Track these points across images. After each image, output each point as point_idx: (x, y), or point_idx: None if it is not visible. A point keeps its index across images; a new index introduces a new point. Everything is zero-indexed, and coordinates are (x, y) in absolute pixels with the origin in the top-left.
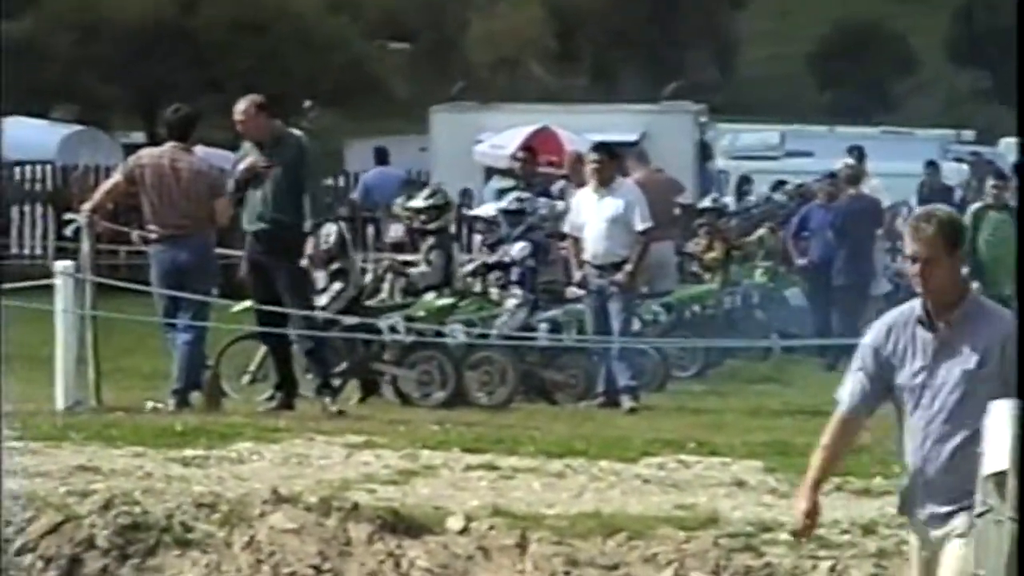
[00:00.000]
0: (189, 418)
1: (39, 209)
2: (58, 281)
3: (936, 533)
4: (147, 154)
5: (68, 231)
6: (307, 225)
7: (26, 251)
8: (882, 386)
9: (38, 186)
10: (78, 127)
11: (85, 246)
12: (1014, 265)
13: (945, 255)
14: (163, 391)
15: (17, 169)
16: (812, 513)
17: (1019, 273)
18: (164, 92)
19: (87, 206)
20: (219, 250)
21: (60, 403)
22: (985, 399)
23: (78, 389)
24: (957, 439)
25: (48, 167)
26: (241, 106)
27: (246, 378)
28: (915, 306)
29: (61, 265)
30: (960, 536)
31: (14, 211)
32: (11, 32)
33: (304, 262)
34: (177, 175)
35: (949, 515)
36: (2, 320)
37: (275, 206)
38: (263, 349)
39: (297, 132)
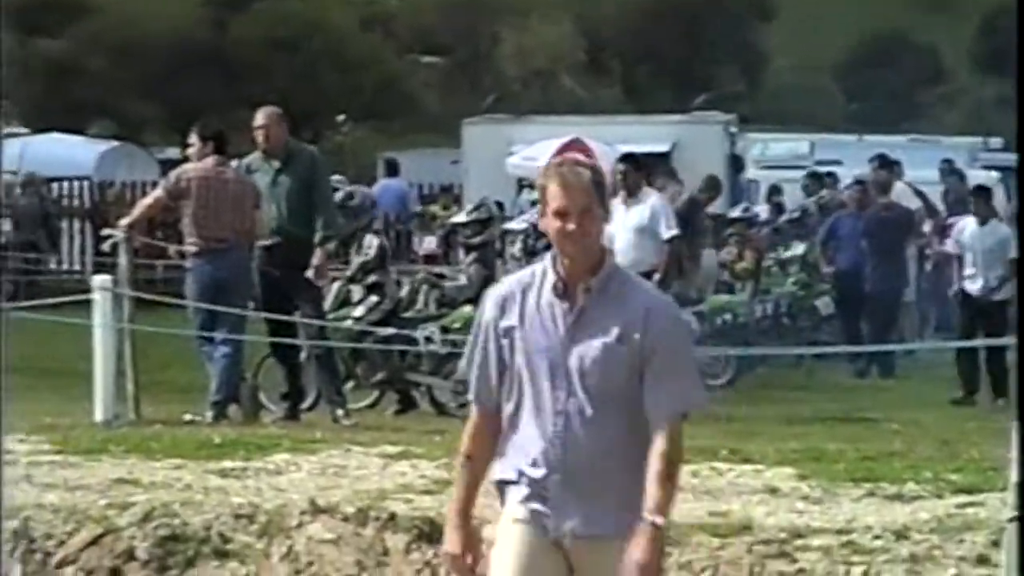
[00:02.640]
0: (227, 430)
1: (77, 224)
2: (96, 296)
3: (570, 527)
4: (192, 168)
5: (106, 246)
6: (317, 238)
7: (65, 266)
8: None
9: (76, 202)
10: (115, 143)
11: (123, 261)
12: None
13: (598, 207)
14: (200, 404)
15: (55, 185)
16: (470, 545)
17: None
18: (199, 109)
19: (125, 221)
20: None
21: (99, 416)
22: (625, 378)
23: (117, 403)
24: (602, 422)
25: (86, 183)
26: (261, 117)
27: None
28: (539, 271)
29: (99, 280)
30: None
31: (53, 227)
32: (50, 50)
33: (311, 273)
34: (225, 186)
35: (597, 514)
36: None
37: (289, 219)
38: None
39: (310, 147)
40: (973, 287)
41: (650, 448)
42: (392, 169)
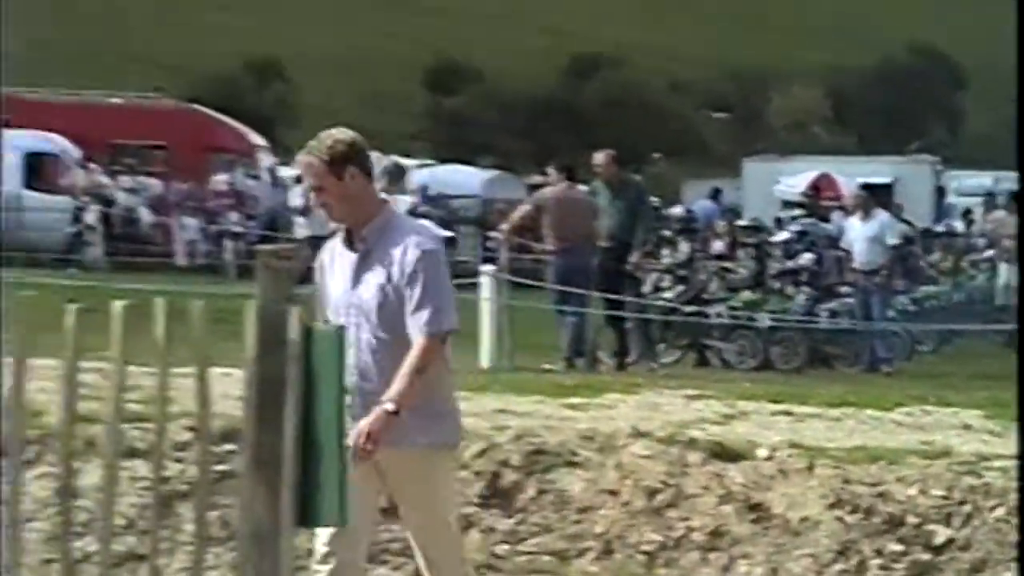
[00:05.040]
0: (575, 376)
1: (470, 229)
2: (484, 280)
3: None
4: (550, 190)
5: (491, 245)
6: (636, 242)
7: (461, 258)
8: None
9: (470, 214)
10: (496, 172)
11: (503, 255)
12: None
13: (334, 180)
14: (556, 358)
15: (454, 202)
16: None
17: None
18: (556, 148)
19: (505, 227)
20: None
21: (485, 364)
22: (396, 309)
23: (498, 356)
24: (384, 350)
25: (475, 200)
26: (599, 157)
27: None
28: (341, 232)
29: (486, 268)
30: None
31: (453, 230)
32: (452, 104)
33: (632, 267)
34: (574, 204)
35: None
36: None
37: (619, 230)
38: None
39: (637, 178)
40: None
41: None
42: (716, 194)
